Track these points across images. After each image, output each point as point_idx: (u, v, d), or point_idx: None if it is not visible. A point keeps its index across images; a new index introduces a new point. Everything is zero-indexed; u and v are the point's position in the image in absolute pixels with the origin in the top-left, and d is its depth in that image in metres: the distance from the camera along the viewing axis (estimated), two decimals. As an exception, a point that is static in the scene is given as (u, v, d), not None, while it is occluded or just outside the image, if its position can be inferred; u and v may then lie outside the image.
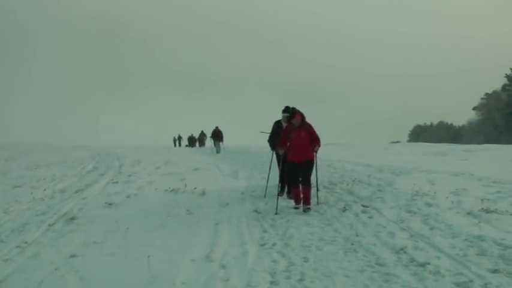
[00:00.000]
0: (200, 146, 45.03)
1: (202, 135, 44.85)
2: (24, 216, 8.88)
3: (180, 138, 55.59)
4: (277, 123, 10.87)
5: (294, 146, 9.22)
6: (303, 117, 9.26)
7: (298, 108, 9.61)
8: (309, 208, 8.91)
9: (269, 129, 11.18)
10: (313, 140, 9.20)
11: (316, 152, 9.33)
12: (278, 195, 9.85)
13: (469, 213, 7.77)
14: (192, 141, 50.54)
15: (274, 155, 10.88)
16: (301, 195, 9.14)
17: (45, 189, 12.19)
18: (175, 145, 53.81)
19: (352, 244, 6.45)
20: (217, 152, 30.07)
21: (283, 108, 10.66)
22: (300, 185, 9.26)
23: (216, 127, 32.24)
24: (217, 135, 31.74)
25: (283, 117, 10.54)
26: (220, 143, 31.10)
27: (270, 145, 10.96)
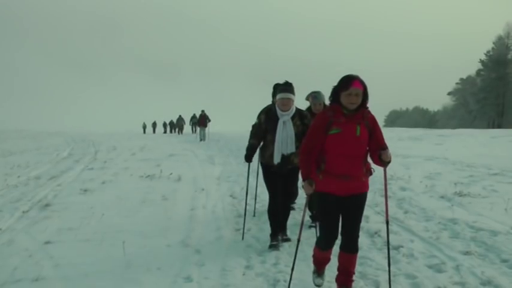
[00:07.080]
0: (178, 132, 44.37)
1: (180, 120, 44.20)
2: (-3, 203, 8.75)
3: (154, 124, 54.58)
4: (267, 112, 5.91)
5: (335, 155, 4.10)
6: (365, 92, 4.05)
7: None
8: None
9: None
10: (379, 144, 4.17)
11: (387, 162, 4.19)
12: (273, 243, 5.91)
13: (442, 197, 7.89)
14: (171, 126, 50.02)
15: (261, 169, 6.18)
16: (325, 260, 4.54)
17: (19, 176, 12.01)
18: (144, 132, 51.97)
19: (328, 228, 6.48)
20: (201, 139, 27.03)
21: (281, 84, 5.82)
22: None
23: (202, 111, 29.51)
24: (201, 121, 28.82)
25: (280, 100, 5.71)
26: (205, 129, 27.90)
27: (249, 146, 6.10)
